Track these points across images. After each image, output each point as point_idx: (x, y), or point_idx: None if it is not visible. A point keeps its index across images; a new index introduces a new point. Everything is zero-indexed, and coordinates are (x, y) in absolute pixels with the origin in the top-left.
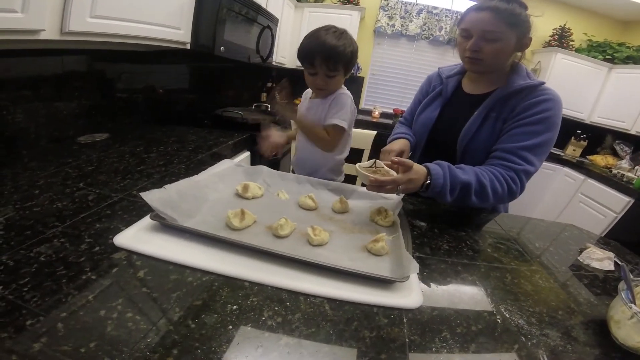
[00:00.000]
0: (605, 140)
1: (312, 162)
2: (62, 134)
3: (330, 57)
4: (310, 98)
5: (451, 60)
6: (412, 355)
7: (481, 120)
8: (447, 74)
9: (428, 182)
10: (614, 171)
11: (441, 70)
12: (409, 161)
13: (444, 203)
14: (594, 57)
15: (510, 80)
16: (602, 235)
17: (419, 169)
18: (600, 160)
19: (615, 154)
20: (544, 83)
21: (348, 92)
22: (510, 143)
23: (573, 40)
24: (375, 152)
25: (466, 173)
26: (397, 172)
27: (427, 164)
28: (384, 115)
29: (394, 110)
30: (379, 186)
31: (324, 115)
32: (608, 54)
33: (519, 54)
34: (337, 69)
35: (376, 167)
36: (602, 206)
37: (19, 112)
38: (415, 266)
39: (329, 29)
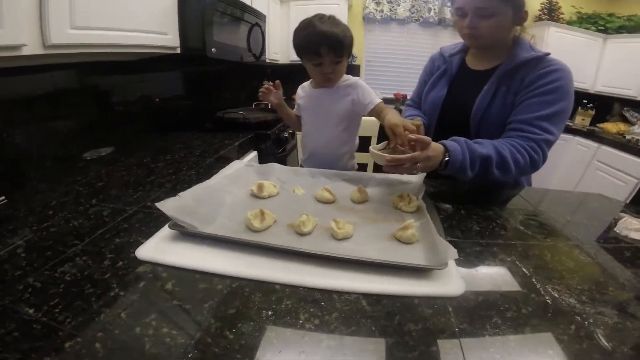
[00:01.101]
0: (613, 108)
1: (330, 156)
2: (66, 152)
3: (335, 43)
4: (313, 88)
5: (444, 40)
6: (465, 344)
7: (492, 94)
8: (450, 52)
9: (447, 159)
10: (628, 136)
11: (443, 49)
12: (427, 138)
13: (465, 180)
14: (586, 28)
15: (514, 53)
16: (627, 202)
17: (436, 146)
18: (612, 127)
19: (625, 120)
20: (549, 54)
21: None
22: (526, 114)
23: (563, 13)
24: (382, 138)
25: (485, 147)
26: (414, 151)
27: (443, 141)
28: (385, 101)
29: (394, 95)
30: (396, 165)
31: (345, 101)
32: (600, 25)
33: (518, 27)
34: (343, 55)
35: (390, 148)
36: (621, 172)
37: (18, 134)
38: (453, 252)
39: (322, 17)
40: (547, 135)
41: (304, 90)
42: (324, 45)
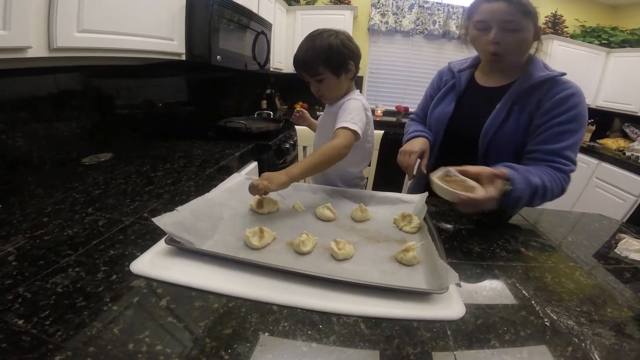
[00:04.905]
0: (613, 123)
1: (333, 173)
2: (65, 156)
3: (304, 62)
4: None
5: (449, 53)
6: None
7: (505, 114)
8: (459, 67)
9: (508, 188)
10: (628, 153)
11: (452, 64)
12: (502, 170)
13: (510, 210)
14: (589, 42)
15: (529, 72)
16: (624, 220)
17: None
18: (612, 143)
19: (625, 136)
20: (564, 74)
21: (359, 97)
22: (553, 144)
23: (567, 27)
24: (385, 152)
25: (535, 175)
26: (477, 181)
27: (502, 168)
28: (387, 113)
29: (396, 107)
30: (472, 205)
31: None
32: (603, 38)
33: (535, 44)
34: (318, 72)
35: (449, 177)
36: (620, 190)
37: (19, 136)
38: (454, 275)
39: (311, 34)
40: (573, 166)
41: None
42: (298, 66)
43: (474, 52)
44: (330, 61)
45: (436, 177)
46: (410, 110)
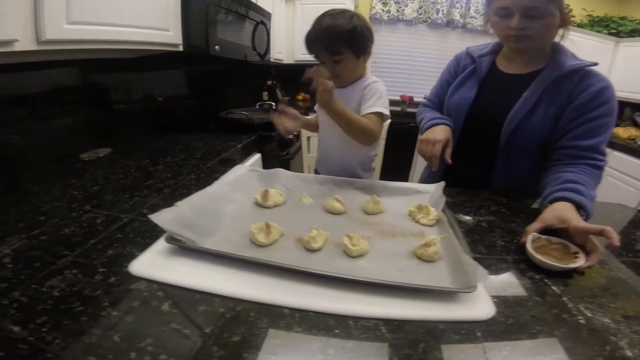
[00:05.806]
0: (624, 112)
1: (342, 161)
2: (62, 152)
3: (327, 39)
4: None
5: (452, 42)
6: None
7: (534, 102)
8: (479, 53)
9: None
10: (639, 142)
11: (470, 49)
12: (607, 228)
13: None
14: (598, 31)
15: (558, 60)
16: (638, 208)
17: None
18: (623, 132)
19: (636, 125)
20: (596, 64)
21: (379, 80)
22: (591, 139)
23: (574, 16)
24: (390, 141)
25: (593, 188)
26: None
27: (575, 199)
28: (391, 102)
29: (401, 96)
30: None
31: (354, 105)
32: (612, 28)
33: (561, 31)
34: (340, 52)
35: (534, 242)
36: (632, 178)
37: (13, 133)
38: (482, 273)
39: (326, 13)
40: (606, 160)
41: None
42: (318, 43)
43: (481, 40)
44: (354, 42)
45: (532, 248)
46: (416, 99)
